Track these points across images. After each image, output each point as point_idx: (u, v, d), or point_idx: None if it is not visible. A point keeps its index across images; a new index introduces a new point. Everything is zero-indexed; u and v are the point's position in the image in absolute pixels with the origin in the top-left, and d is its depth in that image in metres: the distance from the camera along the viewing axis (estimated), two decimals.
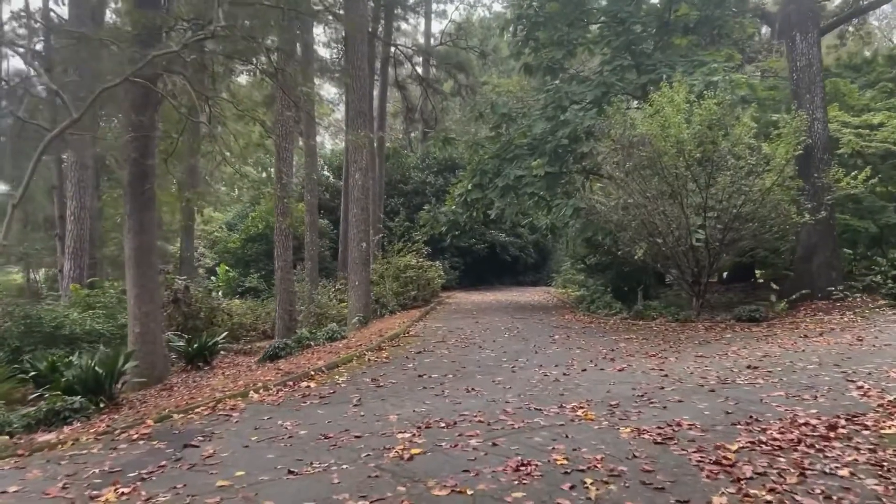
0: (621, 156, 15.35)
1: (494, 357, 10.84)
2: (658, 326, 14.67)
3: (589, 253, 23.22)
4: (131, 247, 11.79)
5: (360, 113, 19.30)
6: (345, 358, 10.90)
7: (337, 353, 11.86)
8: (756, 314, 14.29)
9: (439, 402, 7.57)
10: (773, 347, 10.60)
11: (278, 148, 16.48)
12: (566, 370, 9.30)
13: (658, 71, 19.17)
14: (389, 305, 20.88)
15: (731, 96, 14.71)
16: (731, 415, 6.46)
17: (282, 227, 16.46)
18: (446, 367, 9.90)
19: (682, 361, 9.71)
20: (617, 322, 15.80)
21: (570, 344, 12.20)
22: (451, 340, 13.10)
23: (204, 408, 7.89)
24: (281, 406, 7.82)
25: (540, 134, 19.94)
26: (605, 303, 17.76)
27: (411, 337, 13.91)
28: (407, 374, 9.52)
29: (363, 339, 13.85)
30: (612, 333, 13.70)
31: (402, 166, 32.77)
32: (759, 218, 14.54)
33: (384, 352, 11.74)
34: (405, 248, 22.97)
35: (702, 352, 10.52)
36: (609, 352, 10.98)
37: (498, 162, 20.77)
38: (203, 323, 17.39)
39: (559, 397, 7.51)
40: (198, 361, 14.23)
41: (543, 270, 38.81)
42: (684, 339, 12.42)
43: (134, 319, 11.73)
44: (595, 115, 18.61)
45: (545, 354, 10.96)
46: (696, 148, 14.32)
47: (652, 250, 15.52)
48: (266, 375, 10.10)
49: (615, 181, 15.76)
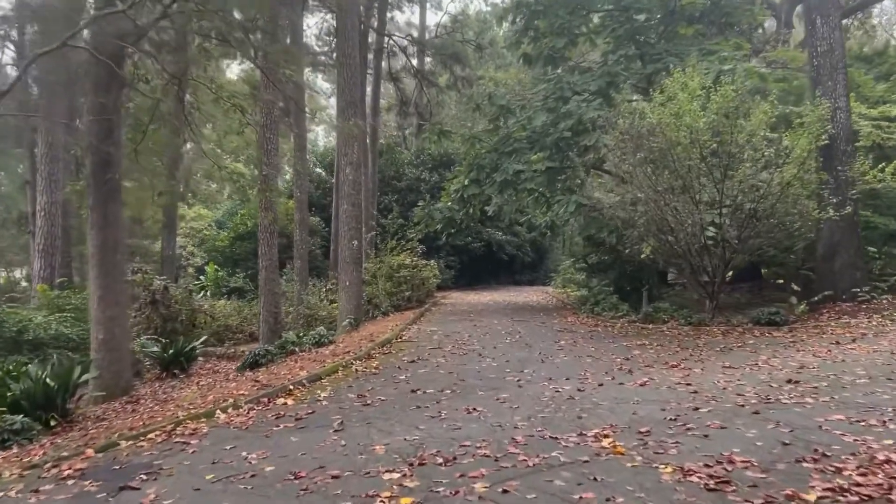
0: (630, 147, 14.14)
1: (497, 367, 9.60)
2: (670, 331, 13.47)
3: (590, 251, 22.04)
4: (94, 244, 10.51)
5: (350, 103, 18.04)
6: (330, 368, 9.65)
7: (322, 361, 10.61)
8: (776, 317, 13.11)
9: (435, 426, 6.33)
10: (806, 356, 9.40)
11: (262, 139, 15.21)
12: (580, 384, 8.06)
13: (664, 60, 17.99)
14: (382, 306, 19.64)
15: (749, 83, 13.50)
16: (789, 447, 5.24)
17: (266, 224, 15.18)
18: (443, 380, 8.66)
19: (709, 373, 8.49)
20: (625, 325, 14.59)
21: (578, 351, 10.98)
22: (448, 347, 11.86)
23: (159, 432, 6.64)
24: (249, 430, 6.56)
25: (540, 126, 18.73)
26: (610, 304, 16.55)
27: (404, 342, 12.67)
28: (398, 388, 8.28)
29: (352, 344, 12.61)
30: (622, 339, 12.49)
31: (396, 162, 31.50)
32: (779, 214, 13.36)
33: (374, 360, 10.48)
34: (398, 246, 21.70)
35: (728, 361, 9.30)
36: (624, 361, 9.76)
37: (496, 156, 19.53)
38: (183, 326, 16.12)
39: (577, 421, 6.28)
40: (174, 368, 13.00)
41: (540, 269, 37.63)
42: (703, 345, 11.20)
43: (97, 325, 10.45)
44: (599, 106, 17.43)
45: (553, 364, 9.73)
46: (711, 138, 13.13)
47: (663, 248, 14.32)
48: (240, 388, 8.84)
49: (623, 175, 14.55)
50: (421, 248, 23.30)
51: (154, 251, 19.86)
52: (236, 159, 45.02)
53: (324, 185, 30.51)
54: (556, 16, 19.54)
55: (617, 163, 14.42)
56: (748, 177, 12.82)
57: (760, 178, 13.18)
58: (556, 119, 18.46)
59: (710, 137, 13.06)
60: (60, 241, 16.16)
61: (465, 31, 31.09)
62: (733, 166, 13.33)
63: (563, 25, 19.57)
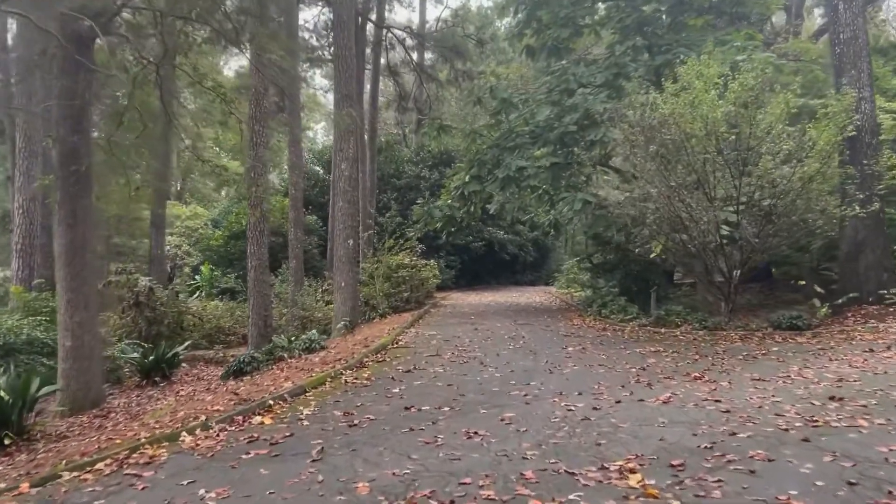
0: (640, 141, 13.17)
1: (500, 378, 8.62)
2: (685, 335, 12.50)
3: (596, 251, 21.09)
4: (62, 242, 9.55)
5: (346, 97, 17.09)
6: (317, 378, 8.68)
7: (311, 370, 9.65)
8: (798, 322, 12.14)
9: (430, 455, 5.36)
10: (841, 367, 8.43)
11: (251, 131, 14.24)
12: (595, 400, 7.09)
13: (674, 51, 16.98)
14: (380, 308, 18.68)
15: (770, 70, 12.51)
16: (857, 487, 4.27)
17: (255, 222, 14.21)
18: (441, 395, 7.68)
19: (737, 387, 7.52)
20: (635, 329, 13.61)
21: (588, 359, 10.00)
22: (447, 354, 10.89)
23: (111, 460, 5.67)
24: (215, 458, 5.60)
25: (544, 121, 17.75)
26: (619, 306, 15.55)
27: (400, 348, 11.70)
28: (391, 404, 7.31)
29: (345, 350, 11.65)
30: (633, 344, 11.51)
31: (396, 160, 30.52)
32: (799, 211, 12.40)
33: (366, 370, 9.51)
34: (397, 245, 20.73)
35: (756, 373, 8.33)
36: (640, 371, 8.79)
37: (498, 152, 18.55)
38: (170, 329, 15.17)
39: (596, 449, 5.31)
40: (155, 375, 12.07)
41: (543, 269, 36.68)
42: (723, 352, 10.23)
43: (65, 331, 9.48)
44: (606, 99, 16.46)
45: (562, 375, 8.75)
46: (729, 130, 12.17)
47: (675, 248, 13.37)
48: (216, 403, 7.88)
49: (632, 170, 13.59)
50: (420, 248, 22.35)
51: (141, 251, 18.91)
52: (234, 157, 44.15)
53: (322, 182, 29.54)
54: (559, 5, 18.56)
55: (627, 156, 13.44)
56: (768, 171, 11.84)
57: (780, 172, 12.22)
58: (560, 113, 17.50)
59: (728, 129, 12.11)
60: (39, 240, 15.17)
61: (466, 26, 30.10)
62: (752, 160, 12.39)
63: (567, 16, 18.58)
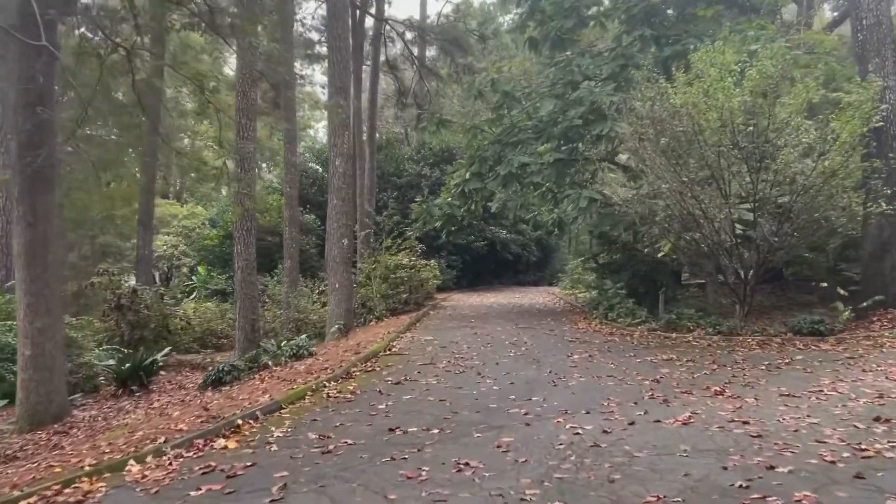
0: (650, 134, 12.24)
1: (499, 392, 7.71)
2: (698, 341, 11.58)
3: (601, 250, 20.16)
4: (21, 241, 8.69)
5: (340, 89, 16.22)
6: (297, 392, 7.79)
7: (293, 380, 8.76)
8: (820, 326, 11.21)
9: (411, 495, 4.45)
10: (878, 379, 7.51)
11: (238, 124, 13.36)
12: (605, 421, 6.18)
13: (683, 42, 16.06)
14: (377, 310, 17.79)
15: (788, 57, 11.57)
16: None
17: (241, 219, 13.31)
18: (431, 413, 6.78)
19: (766, 404, 6.60)
20: (644, 334, 12.69)
21: (596, 368, 9.08)
22: (443, 362, 9.98)
23: (38, 497, 4.79)
24: (158, 497, 4.70)
25: (547, 115, 16.84)
26: (627, 309, 14.61)
27: (393, 355, 10.80)
28: (373, 424, 6.40)
29: (334, 357, 10.76)
30: (644, 351, 10.59)
31: (396, 158, 29.61)
32: (821, 207, 11.47)
33: (352, 381, 8.61)
34: (394, 244, 19.84)
35: (783, 386, 7.40)
36: (653, 383, 7.87)
37: (499, 147, 17.64)
38: (154, 333, 14.30)
39: (609, 488, 4.40)
40: (131, 384, 11.19)
41: (546, 269, 35.75)
42: (742, 361, 9.30)
43: (24, 338, 8.62)
44: (613, 92, 15.55)
45: (567, 388, 7.83)
46: (746, 121, 11.23)
47: (688, 247, 12.44)
48: (182, 421, 7.00)
49: (641, 165, 12.66)
50: (420, 248, 21.47)
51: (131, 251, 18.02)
52: None
53: (320, 180, 28.64)
54: None
55: (636, 150, 12.50)
56: (790, 163, 10.92)
57: (800, 166, 11.28)
58: (564, 106, 16.59)
59: (746, 120, 11.18)
60: None
61: (468, 22, 29.19)
62: (770, 153, 11.44)
63: (572, 5, 17.63)
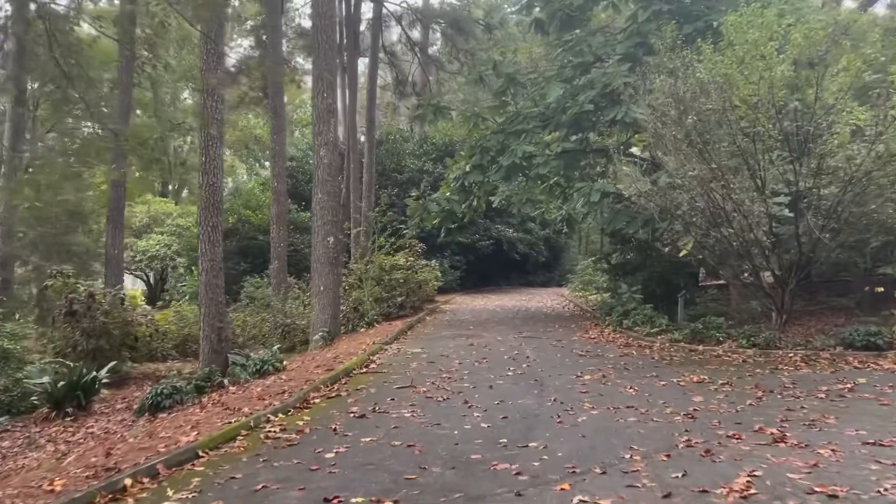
0: (673, 115, 10.33)
1: (487, 433, 5.84)
2: (730, 355, 9.68)
3: (614, 249, 18.26)
4: None
5: (328, 70, 14.42)
6: (230, 430, 5.98)
7: (237, 409, 6.95)
8: (878, 339, 9.25)
9: None
10: None
11: (202, 106, 11.58)
12: (629, 489, 4.29)
13: (706, 18, 14.16)
14: (368, 315, 15.96)
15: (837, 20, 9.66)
16: None
17: (206, 215, 11.51)
18: (392, 470, 4.92)
19: (847, 458, 4.71)
20: (666, 346, 10.79)
21: (611, 395, 7.19)
22: (426, 384, 8.12)
23: None
24: None
25: (555, 101, 14.93)
26: (644, 316, 12.67)
27: (369, 373, 8.96)
28: (306, 490, 4.54)
29: (301, 374, 8.96)
30: (668, 369, 8.70)
31: (397, 153, 27.78)
32: (878, 200, 9.54)
33: (306, 413, 6.75)
34: (388, 243, 18.01)
35: (861, 427, 5.47)
36: (687, 420, 5.97)
37: (502, 137, 15.77)
38: (116, 342, 12.56)
39: None
40: (67, 405, 9.41)
41: (555, 270, 33.83)
42: (792, 386, 7.39)
43: None
44: (628, 73, 13.66)
45: (576, 426, 5.94)
46: (790, 95, 9.32)
47: (718, 244, 10.53)
48: (65, 474, 5.21)
49: (665, 151, 10.74)
50: (421, 247, 19.64)
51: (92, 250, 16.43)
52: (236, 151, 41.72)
53: None
54: None
55: (657, 132, 10.58)
56: (845, 144, 8.99)
57: (851, 151, 9.35)
58: (574, 91, 14.71)
59: (790, 94, 9.27)
60: None
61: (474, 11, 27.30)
62: (815, 135, 9.52)
63: None
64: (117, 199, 15.70)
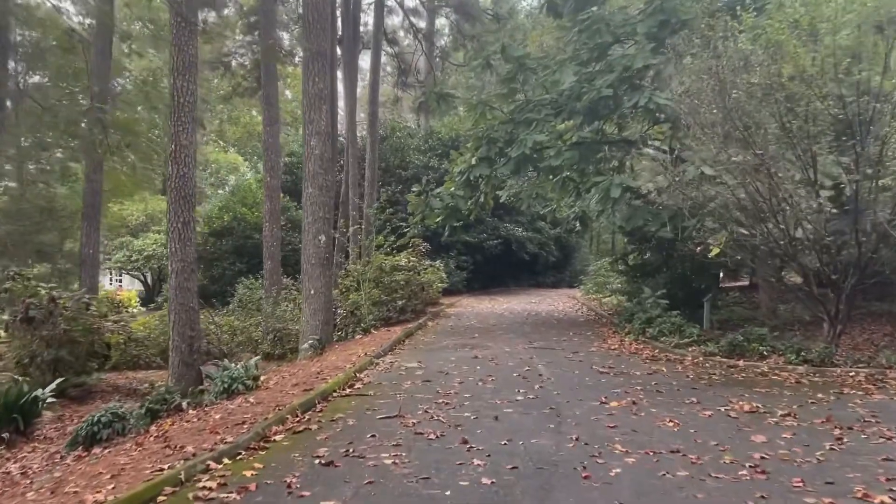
0: (709, 95, 8.74)
1: (488, 494, 4.30)
2: (778, 374, 8.11)
3: (633, 249, 16.71)
4: None
5: (318, 55, 12.97)
6: (150, 487, 4.48)
7: (178, 448, 5.46)
8: None
9: None
10: None
11: (174, 88, 10.12)
12: None
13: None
14: (365, 321, 14.47)
15: None
16: None
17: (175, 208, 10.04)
18: None
19: None
20: (699, 361, 9.22)
21: (648, 431, 5.63)
22: (417, 411, 6.58)
23: None
24: None
25: (569, 87, 13.36)
26: (672, 325, 11.06)
27: (352, 396, 7.43)
28: None
29: (275, 396, 7.46)
30: (709, 392, 7.13)
31: (402, 148, 26.30)
32: None
33: (257, 459, 5.20)
34: (387, 242, 16.52)
35: None
36: (758, 476, 4.40)
37: (511, 126, 14.23)
38: (79, 353, 11.12)
39: None
40: (3, 430, 7.95)
41: (566, 270, 32.27)
42: (872, 418, 5.81)
43: None
44: (651, 54, 12.12)
45: (609, 485, 4.37)
46: (855, 67, 7.73)
47: (766, 242, 8.94)
48: None
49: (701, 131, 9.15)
50: (425, 246, 18.13)
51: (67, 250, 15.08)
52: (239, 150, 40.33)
53: None
54: None
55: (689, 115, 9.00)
56: None
57: None
58: (590, 75, 13.13)
59: (855, 66, 7.69)
60: None
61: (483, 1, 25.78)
62: (880, 115, 7.94)
63: None
64: (92, 194, 14.28)
